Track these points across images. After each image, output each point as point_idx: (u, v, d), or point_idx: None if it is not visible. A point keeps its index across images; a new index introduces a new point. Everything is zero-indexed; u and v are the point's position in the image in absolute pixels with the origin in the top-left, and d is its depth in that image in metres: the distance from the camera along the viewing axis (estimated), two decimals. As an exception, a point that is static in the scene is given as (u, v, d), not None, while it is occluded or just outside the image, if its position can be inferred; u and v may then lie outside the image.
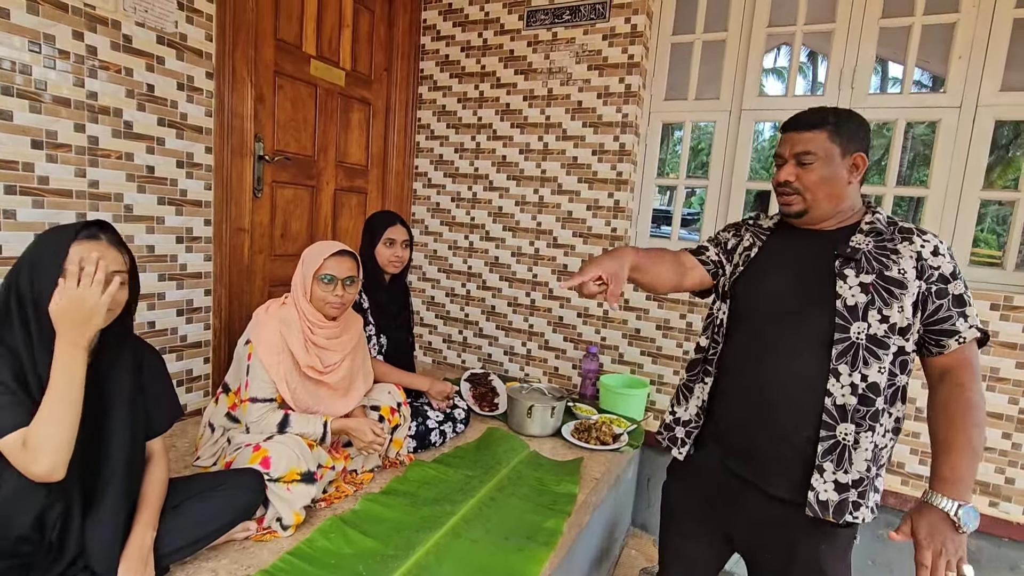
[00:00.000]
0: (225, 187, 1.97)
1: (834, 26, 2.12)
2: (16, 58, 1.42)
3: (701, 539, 1.25)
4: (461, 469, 1.73)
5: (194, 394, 1.96)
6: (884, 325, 0.99)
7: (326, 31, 2.38)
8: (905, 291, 0.99)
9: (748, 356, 1.11)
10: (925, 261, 1.01)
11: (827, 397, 1.01)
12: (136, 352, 1.15)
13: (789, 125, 1.10)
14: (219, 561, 1.21)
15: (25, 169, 1.46)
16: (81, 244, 0.99)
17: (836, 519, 1.01)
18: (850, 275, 1.01)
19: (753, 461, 1.11)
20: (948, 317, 0.99)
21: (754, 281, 1.14)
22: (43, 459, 0.91)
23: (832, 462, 1.01)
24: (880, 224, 1.07)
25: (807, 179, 1.06)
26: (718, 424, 1.18)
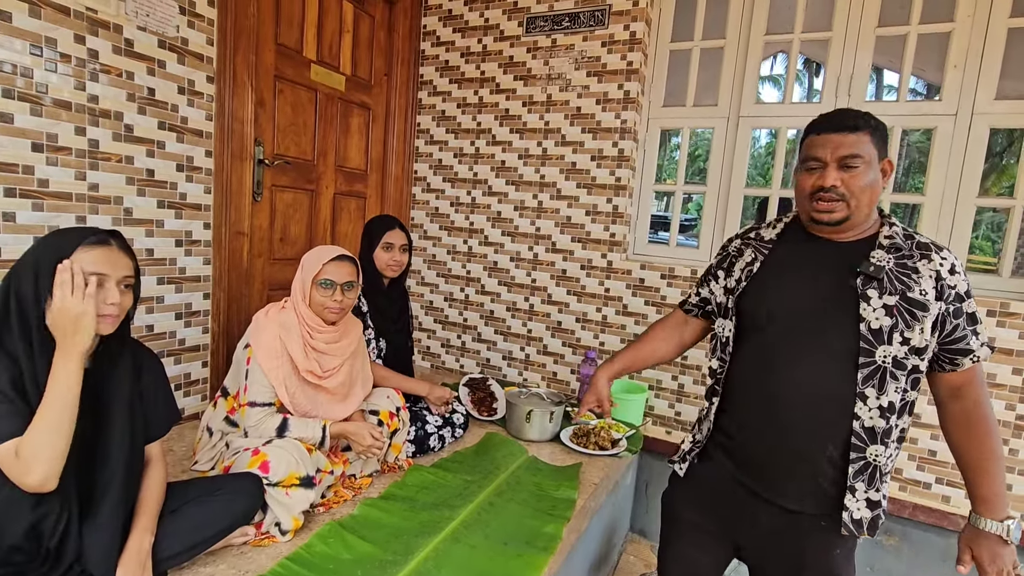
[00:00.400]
0: (225, 191, 1.97)
1: (831, 34, 2.14)
2: (17, 61, 1.42)
3: (703, 547, 1.24)
4: (460, 474, 1.73)
5: (192, 398, 1.96)
6: (905, 347, 0.97)
7: (327, 36, 2.39)
8: (927, 313, 0.96)
9: (760, 369, 1.08)
10: (944, 281, 0.98)
11: (855, 420, 0.99)
12: (135, 356, 1.15)
13: (826, 126, 1.02)
14: (217, 566, 1.21)
15: (25, 172, 1.46)
16: (91, 249, 0.99)
17: (871, 534, 1.02)
18: (873, 296, 0.98)
19: (768, 475, 1.08)
20: (964, 336, 0.99)
21: (761, 294, 1.10)
22: (36, 469, 0.90)
23: (864, 482, 1.00)
24: (899, 239, 1.02)
25: (854, 184, 0.98)
26: (730, 437, 1.15)
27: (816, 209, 1.02)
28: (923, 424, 2.02)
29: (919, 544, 2.05)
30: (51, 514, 0.97)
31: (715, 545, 1.23)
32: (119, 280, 1.02)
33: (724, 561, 1.27)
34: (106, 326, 1.01)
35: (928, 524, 2.03)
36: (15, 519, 0.95)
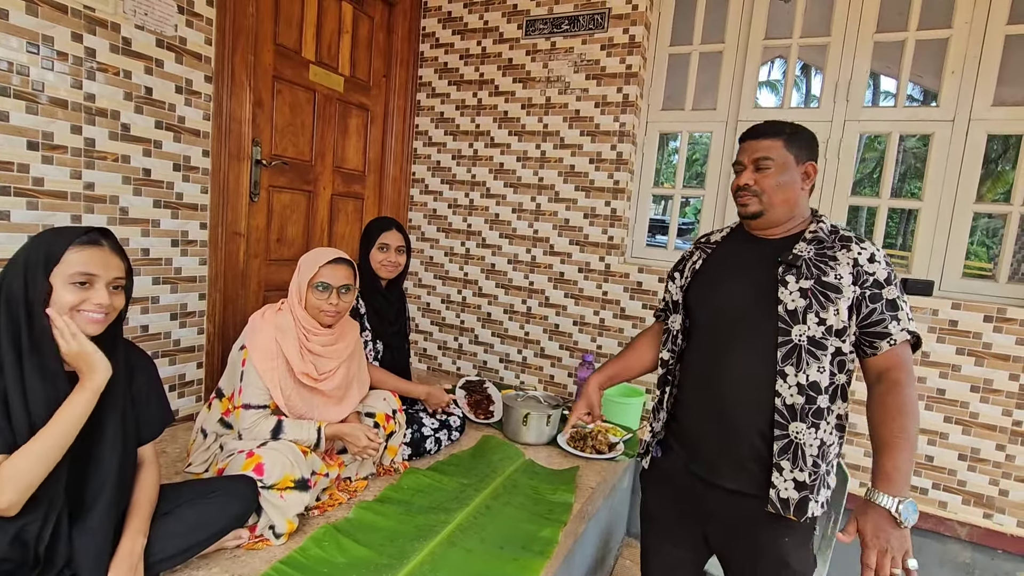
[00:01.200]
0: (222, 191, 1.96)
1: (829, 39, 2.15)
2: (14, 59, 1.41)
3: (679, 541, 1.27)
4: (456, 477, 1.72)
5: (186, 399, 1.94)
6: (821, 327, 1.05)
7: (325, 37, 2.38)
8: (840, 295, 1.05)
9: (703, 361, 1.18)
10: (861, 267, 1.06)
11: (776, 397, 1.06)
12: (127, 357, 1.13)
13: (747, 135, 1.18)
14: (210, 570, 1.20)
15: (20, 170, 1.45)
16: (82, 250, 0.98)
17: (798, 517, 1.06)
18: (791, 281, 1.07)
19: (712, 461, 1.16)
20: (881, 320, 1.04)
21: (703, 289, 1.22)
22: (7, 495, 0.89)
23: (788, 460, 1.06)
24: (822, 233, 1.13)
25: (764, 183, 1.13)
26: (681, 428, 1.23)
27: (738, 203, 1.17)
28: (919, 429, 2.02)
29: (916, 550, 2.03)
30: (34, 522, 0.95)
31: (688, 539, 1.26)
32: (109, 281, 1.01)
33: (703, 555, 1.29)
34: (93, 327, 1.00)
35: (925, 530, 2.03)
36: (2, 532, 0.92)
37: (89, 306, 0.98)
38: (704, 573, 1.35)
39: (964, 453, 1.97)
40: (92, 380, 0.97)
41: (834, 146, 2.16)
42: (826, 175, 2.18)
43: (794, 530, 1.09)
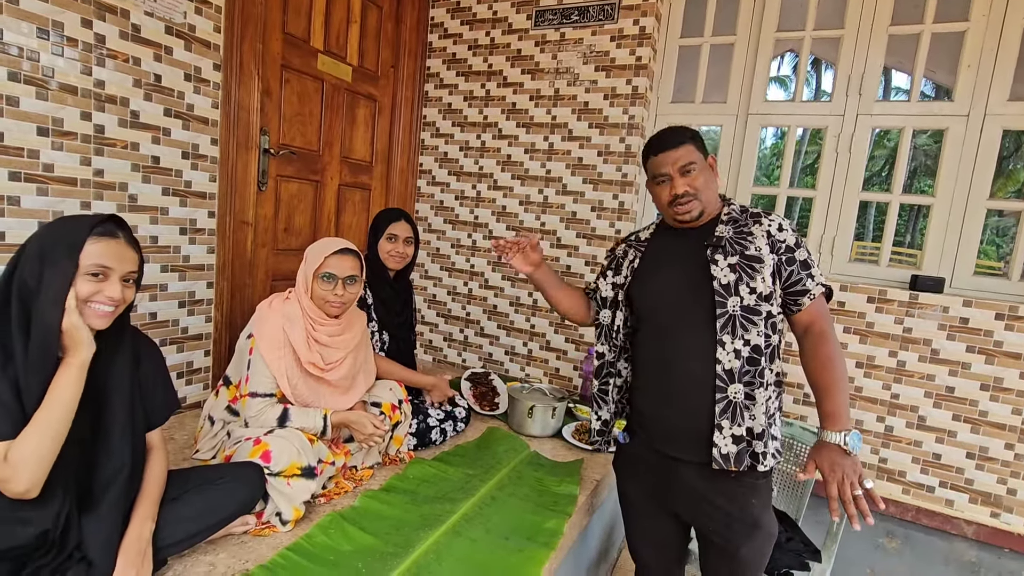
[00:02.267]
0: (230, 179, 1.96)
1: (843, 32, 2.12)
2: (24, 44, 1.41)
3: (658, 520, 1.34)
4: (461, 468, 1.72)
5: (194, 386, 1.95)
6: (753, 296, 1.16)
7: (334, 26, 2.37)
8: (763, 264, 1.17)
9: (653, 348, 1.27)
10: (774, 237, 1.19)
11: (717, 364, 1.16)
12: (134, 344, 1.13)
13: (659, 147, 1.24)
14: (217, 555, 1.20)
15: (30, 156, 1.45)
16: (98, 241, 0.97)
17: (737, 467, 1.15)
18: (720, 259, 1.18)
19: (671, 437, 1.24)
20: (799, 279, 1.18)
21: (644, 282, 1.30)
22: (24, 477, 0.89)
23: (728, 419, 1.16)
24: (735, 213, 1.25)
25: (697, 184, 1.21)
26: (642, 414, 1.31)
27: (678, 213, 1.23)
28: (927, 427, 2.01)
29: (921, 547, 2.04)
30: (61, 512, 0.96)
31: (665, 516, 1.32)
32: (123, 275, 1.00)
33: (682, 534, 1.37)
34: (101, 321, 0.99)
35: (931, 528, 2.02)
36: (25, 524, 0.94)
37: (101, 298, 0.97)
38: (688, 549, 1.42)
39: (972, 452, 1.96)
40: (77, 355, 0.95)
41: (845, 140, 2.14)
42: (837, 169, 2.16)
43: (758, 491, 1.20)
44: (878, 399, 2.07)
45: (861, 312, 2.07)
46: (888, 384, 2.05)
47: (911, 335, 2.01)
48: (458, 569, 1.24)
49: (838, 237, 2.17)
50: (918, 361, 2.01)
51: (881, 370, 2.06)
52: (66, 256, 0.95)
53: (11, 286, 0.95)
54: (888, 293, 2.02)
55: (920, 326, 1.99)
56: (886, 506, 2.04)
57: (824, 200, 2.19)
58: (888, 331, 2.04)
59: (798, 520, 1.83)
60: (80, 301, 0.96)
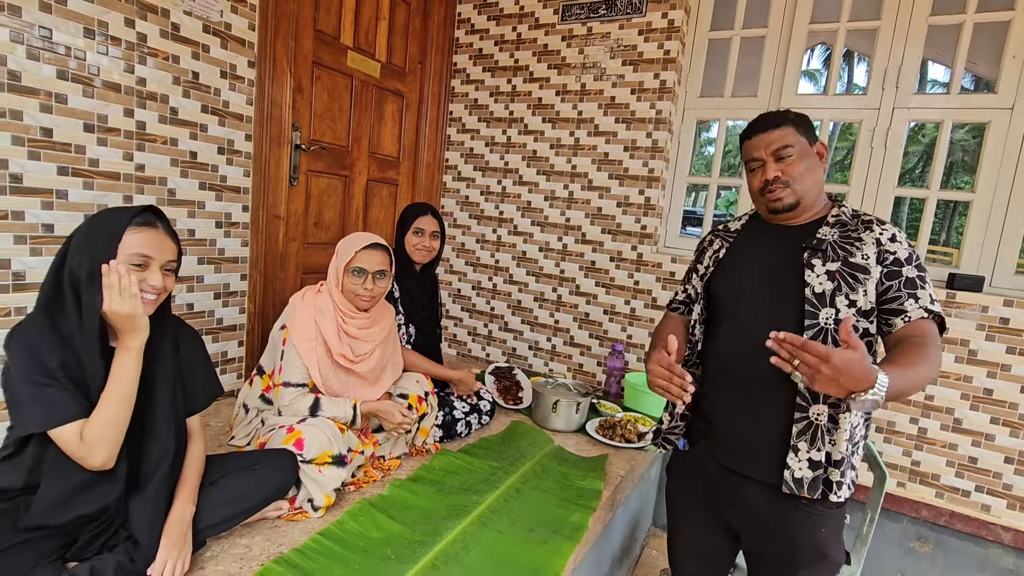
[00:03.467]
0: (263, 174, 2.00)
1: (880, 23, 2.06)
2: (71, 43, 1.47)
3: (707, 529, 1.27)
4: (486, 460, 1.74)
5: (228, 376, 2.01)
6: (852, 309, 1.04)
7: (363, 23, 2.40)
8: (868, 276, 1.04)
9: (728, 350, 1.17)
10: (884, 247, 1.06)
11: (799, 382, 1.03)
12: (176, 333, 1.18)
13: (752, 131, 1.15)
14: (252, 538, 1.24)
15: (77, 151, 1.51)
16: (138, 231, 1.01)
17: (811, 495, 1.05)
18: (817, 264, 1.07)
19: (738, 451, 1.14)
20: (897, 297, 1.03)
21: (726, 278, 1.20)
22: (99, 453, 0.96)
23: (806, 442, 1.05)
24: (845, 216, 1.12)
25: (792, 171, 1.10)
26: (708, 421, 1.21)
27: (769, 200, 1.13)
28: (963, 430, 1.95)
29: (955, 553, 1.99)
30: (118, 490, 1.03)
31: (716, 528, 1.25)
32: (163, 264, 1.05)
33: (730, 549, 1.28)
34: (146, 308, 1.03)
35: (965, 533, 1.97)
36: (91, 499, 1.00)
37: (144, 286, 1.02)
38: (735, 564, 1.34)
39: (1011, 456, 1.90)
40: (134, 339, 1.00)
41: (881, 134, 2.08)
42: (872, 164, 2.11)
43: (829, 520, 1.09)
44: (911, 400, 2.02)
45: (895, 311, 2.02)
46: (922, 385, 2.00)
47: (947, 335, 1.95)
48: (485, 559, 1.26)
49: (872, 234, 2.12)
50: (955, 362, 1.95)
51: (915, 370, 2.01)
52: (106, 245, 0.99)
53: (62, 276, 0.99)
54: (924, 292, 1.97)
55: (957, 326, 1.94)
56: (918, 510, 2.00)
57: (858, 196, 2.14)
58: (923, 331, 1.98)
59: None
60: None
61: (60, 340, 0.98)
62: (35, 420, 0.94)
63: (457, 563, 1.23)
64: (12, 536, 0.95)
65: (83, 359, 0.98)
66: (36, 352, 0.95)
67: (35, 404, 0.94)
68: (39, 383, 0.94)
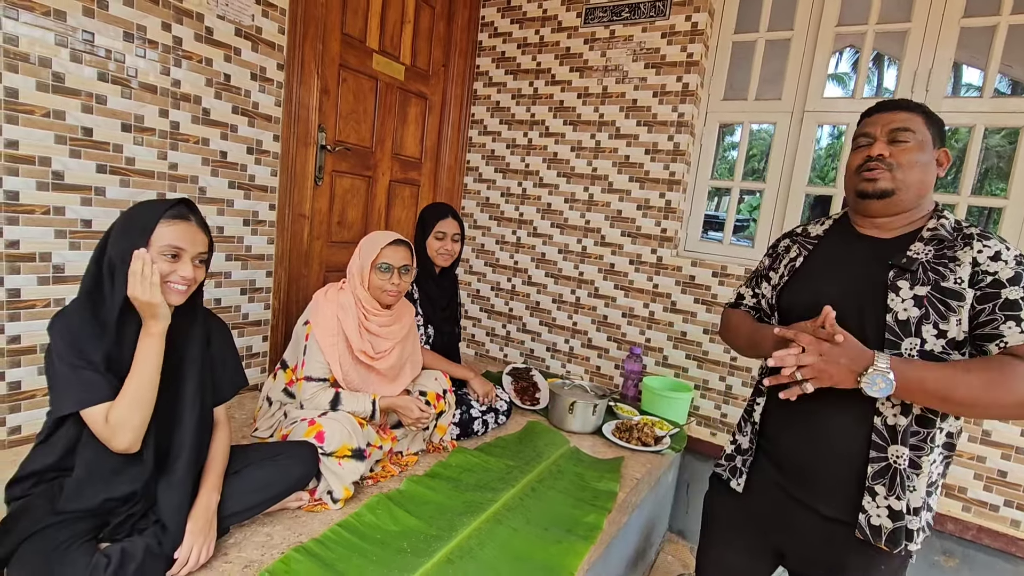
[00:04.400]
0: (289, 174, 2.06)
1: (910, 26, 2.03)
2: (111, 46, 1.53)
3: (744, 553, 1.22)
4: (503, 459, 1.75)
5: (252, 370, 2.06)
6: (942, 340, 0.92)
7: (389, 26, 2.45)
8: (963, 303, 0.91)
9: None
10: (980, 267, 0.93)
11: (876, 417, 0.96)
12: (206, 324, 1.22)
13: (879, 108, 1.04)
14: (274, 527, 1.28)
15: (115, 150, 1.57)
16: (171, 224, 1.06)
17: (890, 548, 0.96)
18: (904, 287, 0.95)
19: (808, 481, 1.06)
20: (991, 321, 0.90)
21: (800, 291, 1.10)
22: (124, 436, 1.00)
23: (884, 486, 0.96)
24: (944, 231, 0.99)
25: (902, 157, 0.99)
26: (772, 444, 1.13)
27: (863, 179, 1.01)
28: (992, 442, 1.90)
29: (982, 568, 1.94)
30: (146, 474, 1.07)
31: (756, 552, 1.20)
32: (194, 256, 1.08)
33: (766, 570, 1.23)
34: (177, 298, 1.07)
35: (994, 549, 1.91)
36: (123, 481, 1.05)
37: (176, 277, 1.06)
38: None
39: (1042, 470, 1.84)
40: (156, 325, 1.04)
41: (910, 139, 2.04)
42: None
43: (890, 559, 1.00)
44: (938, 410, 1.97)
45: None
46: (950, 395, 1.95)
47: (977, 344, 1.90)
48: (499, 555, 1.27)
49: (898, 240, 2.08)
50: (984, 372, 1.90)
51: (942, 380, 1.96)
52: (139, 235, 1.04)
53: (102, 265, 1.04)
54: (952, 299, 1.93)
55: (987, 335, 1.89)
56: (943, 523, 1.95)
57: (884, 201, 2.10)
58: (951, 339, 1.94)
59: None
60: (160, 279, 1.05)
61: (99, 326, 1.03)
62: (70, 401, 0.99)
63: (472, 558, 1.24)
64: (49, 517, 1.00)
65: (119, 345, 1.03)
66: (76, 337, 1.00)
67: (71, 386, 0.99)
68: (76, 366, 0.99)
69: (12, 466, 1.11)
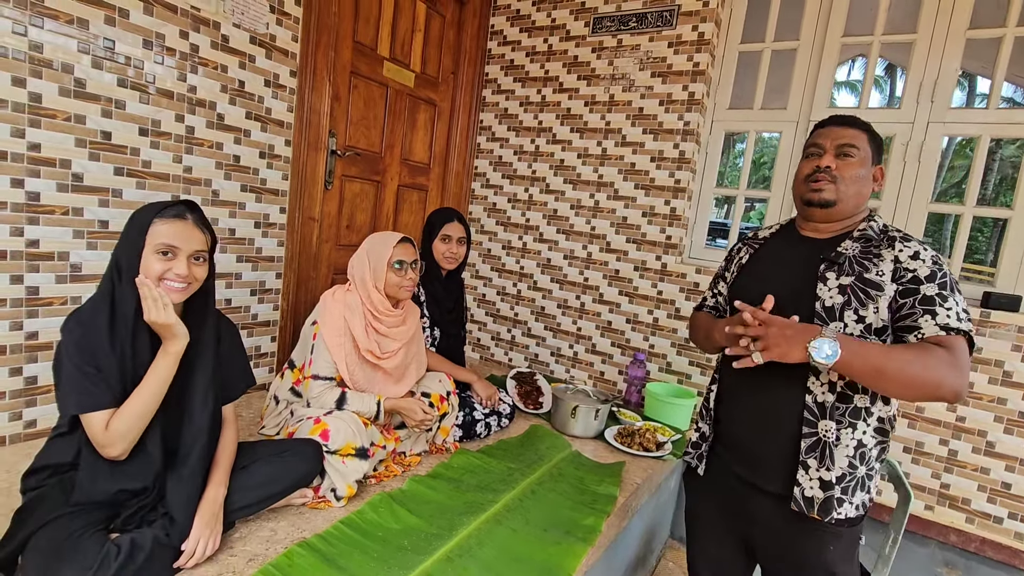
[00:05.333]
0: (300, 178, 2.10)
1: (915, 36, 2.04)
2: (131, 53, 1.58)
3: (724, 546, 1.28)
4: (504, 461, 1.77)
5: (260, 369, 2.10)
6: (860, 325, 1.04)
7: (400, 35, 2.49)
8: (881, 293, 1.03)
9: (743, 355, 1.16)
10: (901, 264, 1.04)
11: (807, 395, 1.07)
12: (216, 325, 1.25)
13: (830, 122, 1.16)
14: (278, 523, 1.31)
15: (132, 153, 1.62)
16: (166, 222, 1.08)
17: (821, 516, 1.05)
18: (831, 278, 1.07)
19: (751, 462, 1.16)
20: (911, 314, 1.01)
21: (746, 284, 1.22)
22: (119, 446, 1.04)
23: (815, 459, 1.06)
24: (872, 232, 1.12)
25: (846, 171, 1.10)
26: (723, 429, 1.24)
27: (810, 189, 1.13)
28: (997, 454, 1.89)
29: (985, 581, 1.93)
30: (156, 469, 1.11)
31: (730, 545, 1.26)
32: (190, 254, 1.10)
33: (747, 564, 1.29)
34: (175, 296, 1.09)
35: (997, 561, 1.90)
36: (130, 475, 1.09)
37: (171, 275, 1.08)
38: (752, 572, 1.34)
39: (1047, 482, 1.83)
40: (173, 345, 1.08)
41: (915, 149, 2.05)
42: (904, 179, 2.08)
43: (839, 539, 1.08)
44: (941, 421, 1.97)
45: (926, 328, 1.98)
46: (953, 406, 1.95)
47: (980, 355, 1.90)
48: (498, 555, 1.29)
49: (903, 249, 2.08)
50: (988, 383, 1.90)
51: (946, 390, 1.96)
52: (137, 234, 1.07)
53: (112, 272, 1.08)
54: (956, 310, 1.92)
55: (991, 346, 1.88)
56: (946, 535, 1.94)
57: (889, 211, 2.11)
58: (955, 350, 1.93)
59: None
60: (156, 277, 1.07)
61: (110, 331, 1.05)
62: (70, 403, 1.02)
63: (471, 557, 1.26)
64: (64, 507, 1.04)
65: (126, 347, 1.06)
66: (87, 337, 1.03)
67: (74, 388, 1.02)
68: (83, 369, 1.02)
69: (28, 458, 1.15)
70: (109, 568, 0.96)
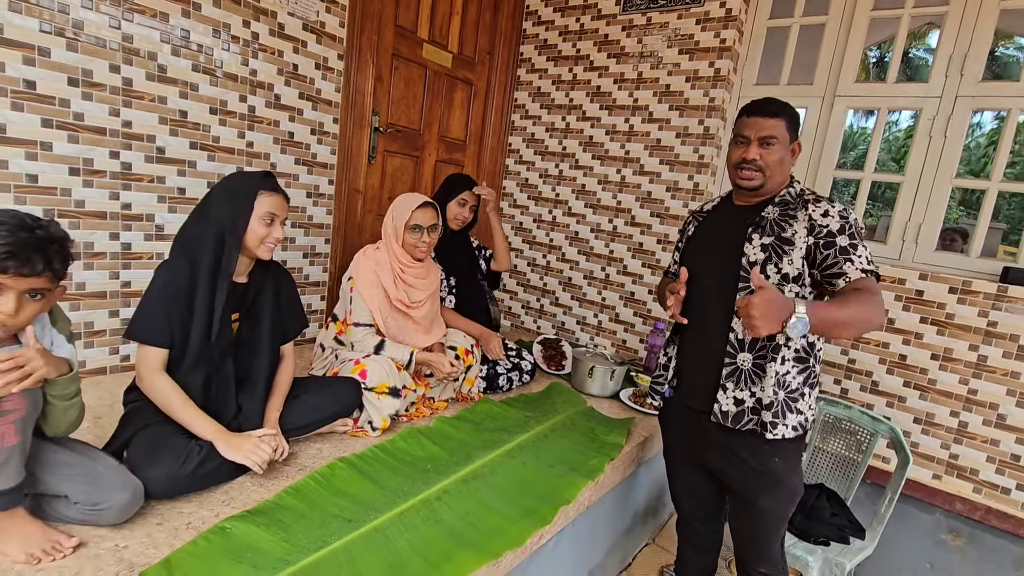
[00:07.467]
0: (346, 153, 2.32)
1: (947, 9, 2.02)
2: (202, 41, 1.82)
3: (692, 470, 1.48)
4: (522, 411, 1.96)
5: (311, 325, 2.36)
6: (778, 275, 1.24)
7: (438, 18, 2.65)
8: (793, 247, 1.22)
9: (692, 312, 1.37)
10: (815, 221, 1.22)
11: (731, 333, 1.29)
12: (277, 276, 1.49)
13: (753, 111, 1.29)
14: (323, 444, 1.54)
15: (204, 130, 1.87)
16: (270, 195, 1.33)
17: (734, 425, 1.29)
18: (755, 238, 1.26)
19: (693, 389, 1.39)
20: (835, 263, 1.19)
21: (693, 251, 1.42)
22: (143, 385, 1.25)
23: (732, 383, 1.29)
24: (789, 196, 1.30)
25: (769, 159, 1.27)
26: (680, 369, 1.46)
27: (740, 177, 1.30)
28: (1007, 426, 1.92)
29: (989, 549, 1.98)
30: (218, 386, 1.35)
31: (697, 469, 1.46)
32: (283, 220, 1.36)
33: (713, 485, 1.48)
34: (268, 253, 1.35)
35: (1002, 530, 1.95)
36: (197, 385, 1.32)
37: (271, 239, 1.34)
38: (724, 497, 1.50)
39: (1056, 455, 1.85)
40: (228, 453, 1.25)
41: (941, 123, 2.05)
42: (929, 154, 2.08)
43: (783, 452, 1.29)
44: (953, 393, 2.01)
45: (941, 302, 2.01)
46: (966, 379, 1.98)
47: (996, 329, 1.92)
48: (507, 481, 1.48)
49: (924, 225, 2.10)
50: (1002, 357, 1.92)
51: (959, 363, 1.99)
52: (245, 200, 1.30)
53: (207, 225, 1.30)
54: (973, 284, 1.95)
55: (1008, 320, 1.90)
56: (952, 503, 2.00)
57: (912, 186, 2.12)
58: (970, 323, 1.96)
59: (847, 500, 1.87)
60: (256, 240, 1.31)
61: (192, 275, 1.28)
62: (138, 327, 1.24)
63: (483, 481, 1.46)
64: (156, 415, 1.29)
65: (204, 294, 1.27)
66: (171, 279, 1.26)
67: (146, 317, 1.24)
68: (157, 304, 1.23)
69: (124, 385, 1.41)
70: (192, 461, 1.21)
